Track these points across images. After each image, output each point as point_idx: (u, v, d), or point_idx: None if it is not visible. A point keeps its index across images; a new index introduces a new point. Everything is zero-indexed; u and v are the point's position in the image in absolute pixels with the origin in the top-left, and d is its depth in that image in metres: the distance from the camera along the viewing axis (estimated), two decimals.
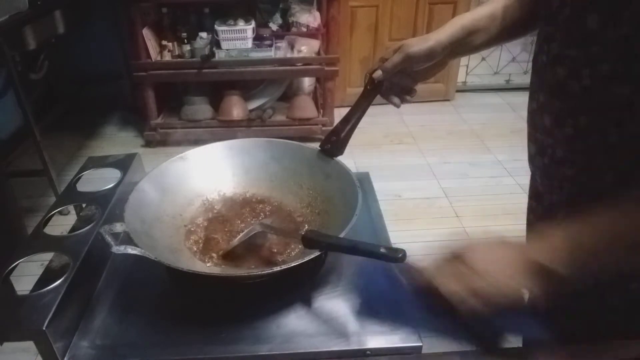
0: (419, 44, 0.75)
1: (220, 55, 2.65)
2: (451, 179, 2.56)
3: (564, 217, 0.64)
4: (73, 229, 0.79)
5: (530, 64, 0.69)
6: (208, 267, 0.76)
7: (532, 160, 0.72)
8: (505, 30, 0.75)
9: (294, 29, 2.77)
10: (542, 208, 0.70)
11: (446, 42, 0.75)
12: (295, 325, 0.68)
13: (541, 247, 0.55)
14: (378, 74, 0.79)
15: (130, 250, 0.66)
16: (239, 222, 0.85)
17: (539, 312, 0.72)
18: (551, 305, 0.68)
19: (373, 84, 0.80)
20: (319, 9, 2.78)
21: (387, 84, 0.81)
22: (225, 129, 2.78)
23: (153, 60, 2.69)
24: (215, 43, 2.66)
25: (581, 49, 0.54)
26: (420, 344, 0.64)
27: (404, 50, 0.76)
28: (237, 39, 2.62)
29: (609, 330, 0.63)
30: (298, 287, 0.74)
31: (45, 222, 0.80)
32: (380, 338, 0.65)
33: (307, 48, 2.75)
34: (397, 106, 0.82)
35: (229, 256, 0.78)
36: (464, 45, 0.76)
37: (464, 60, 3.34)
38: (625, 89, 0.50)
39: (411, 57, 0.76)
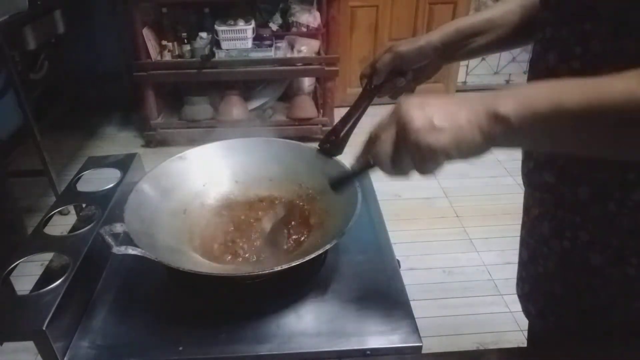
0: (409, 44, 0.76)
1: (220, 55, 2.65)
2: (451, 179, 2.56)
3: (549, 232, 0.64)
4: (73, 229, 0.79)
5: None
6: (208, 266, 0.76)
7: (522, 169, 0.71)
8: (504, 36, 0.74)
9: (294, 29, 2.77)
10: (529, 222, 0.70)
11: (437, 42, 0.75)
12: (295, 325, 0.68)
13: (489, 94, 0.49)
14: (375, 80, 0.79)
15: (131, 250, 0.66)
16: (239, 221, 0.85)
17: (537, 335, 0.72)
18: (550, 327, 0.68)
19: (368, 85, 0.81)
20: (319, 9, 2.78)
21: (385, 84, 0.81)
22: (225, 129, 2.78)
23: (153, 60, 2.69)
24: (215, 43, 2.66)
25: (573, 27, 0.54)
26: (421, 344, 0.64)
27: (393, 50, 0.77)
28: (237, 39, 2.62)
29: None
30: (298, 287, 0.74)
31: (45, 222, 0.80)
32: (380, 338, 0.65)
33: (307, 48, 2.75)
34: (402, 84, 0.81)
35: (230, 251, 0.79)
36: (458, 48, 0.76)
37: (464, 60, 3.34)
38: (614, 70, 0.50)
39: (401, 56, 0.76)
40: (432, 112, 0.48)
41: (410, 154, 0.50)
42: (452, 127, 0.47)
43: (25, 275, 0.82)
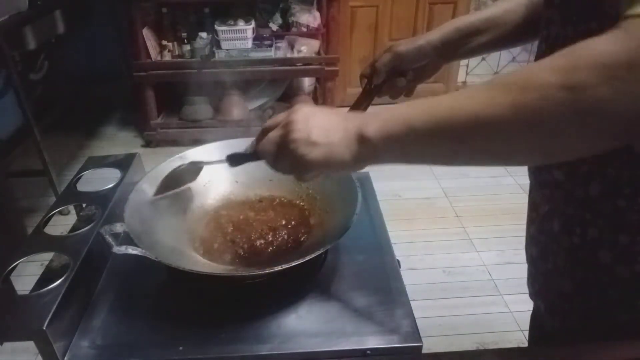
0: (409, 44, 0.76)
1: (220, 55, 2.65)
2: (451, 179, 2.56)
3: (559, 229, 0.64)
4: (73, 229, 0.79)
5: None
6: (208, 266, 0.76)
7: (528, 167, 0.71)
8: (504, 35, 0.74)
9: (294, 29, 2.77)
10: (538, 219, 0.70)
11: (437, 42, 0.75)
12: (295, 325, 0.68)
13: (365, 115, 0.52)
14: (375, 79, 0.79)
15: (131, 250, 0.66)
16: (239, 221, 0.85)
17: (545, 333, 0.72)
18: (557, 325, 0.68)
19: (368, 85, 0.81)
20: (319, 9, 2.78)
21: (385, 84, 0.81)
22: (225, 129, 2.78)
23: (153, 60, 2.69)
24: (215, 43, 2.66)
25: (579, 26, 0.54)
26: (421, 344, 0.64)
27: (392, 50, 0.77)
28: (237, 39, 2.62)
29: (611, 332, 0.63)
30: (298, 287, 0.74)
31: (45, 222, 0.80)
32: (380, 338, 0.65)
33: (307, 48, 2.75)
34: (402, 84, 0.81)
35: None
36: (458, 47, 0.76)
37: (464, 60, 3.34)
38: None
39: (400, 56, 0.76)
40: (312, 126, 0.52)
41: (288, 159, 0.54)
42: (325, 144, 0.51)
43: (25, 275, 0.82)
